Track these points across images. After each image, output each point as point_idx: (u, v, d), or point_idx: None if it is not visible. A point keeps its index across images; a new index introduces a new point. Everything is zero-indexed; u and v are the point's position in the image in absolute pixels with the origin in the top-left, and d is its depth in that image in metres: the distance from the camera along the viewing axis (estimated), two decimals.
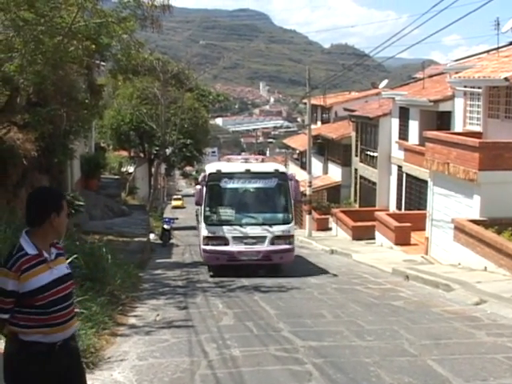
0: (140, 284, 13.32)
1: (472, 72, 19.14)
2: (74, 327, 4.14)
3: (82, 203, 19.15)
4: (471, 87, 19.49)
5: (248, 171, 15.32)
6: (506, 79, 16.48)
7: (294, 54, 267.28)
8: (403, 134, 26.92)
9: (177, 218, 33.61)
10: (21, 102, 14.25)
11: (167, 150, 39.54)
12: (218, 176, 15.18)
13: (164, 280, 14.32)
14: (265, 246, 14.71)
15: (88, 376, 6.41)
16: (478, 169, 14.91)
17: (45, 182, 17.04)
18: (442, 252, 17.00)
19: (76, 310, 7.34)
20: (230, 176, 15.20)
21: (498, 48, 20.39)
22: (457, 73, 20.71)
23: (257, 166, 16.35)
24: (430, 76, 27.36)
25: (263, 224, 14.93)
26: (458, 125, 20.86)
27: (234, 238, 14.71)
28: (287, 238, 15.02)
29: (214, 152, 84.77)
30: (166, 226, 26.71)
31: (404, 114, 26.73)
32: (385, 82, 37.00)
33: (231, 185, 15.24)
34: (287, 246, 14.94)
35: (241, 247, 14.71)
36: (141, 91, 39.36)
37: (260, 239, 14.74)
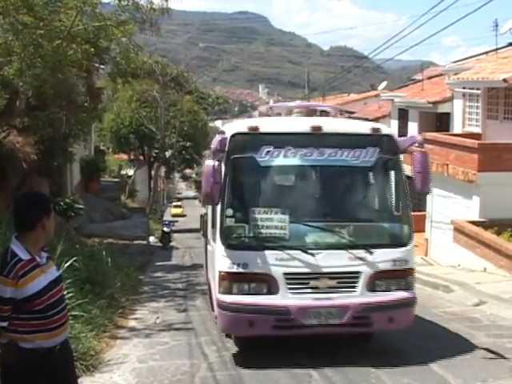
0: (140, 287, 13.34)
1: (471, 73, 19.17)
2: (68, 328, 4.22)
3: (81, 206, 19.20)
4: (470, 88, 19.51)
5: (318, 131, 7.27)
6: (505, 80, 16.51)
7: (293, 56, 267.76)
8: (402, 136, 26.92)
9: (176, 221, 33.71)
10: (20, 105, 14.28)
11: (167, 153, 39.55)
12: (252, 141, 7.16)
13: (164, 283, 14.34)
14: (357, 296, 6.91)
15: (88, 379, 6.48)
16: (477, 170, 14.93)
17: (44, 186, 17.07)
18: (441, 253, 17.01)
19: (76, 312, 7.43)
20: (279, 141, 7.14)
21: (497, 49, 20.43)
22: (456, 74, 20.74)
23: (336, 122, 8.36)
24: (429, 77, 27.39)
25: (352, 246, 7.00)
26: (457, 126, 20.87)
27: (290, 277, 6.83)
28: (403, 275, 7.14)
29: None
30: (165, 229, 26.76)
31: (403, 115, 26.75)
32: (384, 83, 37.02)
33: (281, 160, 7.14)
34: (404, 295, 7.08)
35: (305, 299, 6.84)
36: (140, 94, 39.42)
37: (346, 280, 6.96)
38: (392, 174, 7.58)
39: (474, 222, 14.98)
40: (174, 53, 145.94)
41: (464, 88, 19.89)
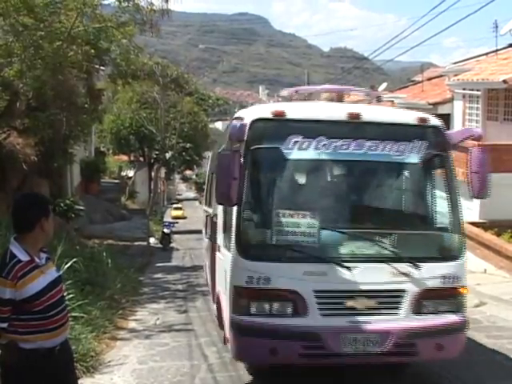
0: (140, 288, 13.35)
1: (471, 75, 19.18)
2: (68, 328, 4.24)
3: (81, 207, 19.20)
4: (470, 90, 19.52)
5: (356, 119, 6.13)
6: (505, 82, 16.50)
7: (294, 57, 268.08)
8: None
9: (177, 222, 33.73)
10: (20, 106, 14.29)
11: (167, 154, 39.59)
12: (277, 129, 6.05)
13: (164, 284, 14.34)
14: (401, 319, 5.83)
15: (88, 380, 6.48)
16: None
17: (45, 187, 17.09)
18: None
19: (76, 314, 7.44)
20: (310, 130, 6.00)
21: (497, 50, 20.43)
22: (456, 75, 20.74)
23: (376, 110, 7.01)
24: (429, 79, 27.41)
25: (395, 259, 5.88)
26: (457, 127, 20.85)
27: (321, 296, 5.73)
28: (454, 294, 6.22)
29: None
30: (165, 230, 26.75)
31: None
32: (384, 85, 36.85)
33: (312, 153, 5.99)
34: (455, 318, 6.08)
35: (339, 322, 5.74)
36: (140, 95, 39.46)
37: (388, 300, 5.88)
38: (441, 172, 6.43)
39: (474, 223, 14.97)
40: (174, 54, 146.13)
41: (464, 89, 19.89)
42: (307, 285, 5.61)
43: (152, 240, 25.96)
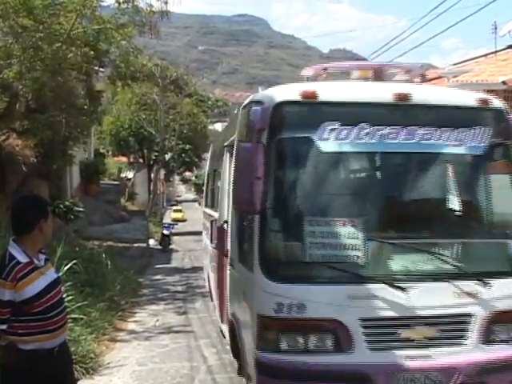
0: (139, 289, 13.34)
1: (470, 76, 19.19)
2: (67, 330, 4.25)
3: (81, 209, 19.19)
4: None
5: (405, 101, 4.91)
6: (504, 83, 16.53)
7: (293, 58, 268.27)
8: None
9: (176, 224, 33.71)
10: (20, 108, 14.29)
11: (166, 156, 39.61)
12: (309, 114, 4.79)
13: (163, 285, 14.34)
14: (468, 351, 4.61)
15: (88, 381, 6.49)
16: None
17: (44, 188, 17.07)
18: None
19: (75, 315, 7.44)
20: (349, 116, 4.78)
21: (496, 52, 20.48)
22: (455, 77, 20.75)
23: (428, 90, 5.87)
24: (429, 80, 27.44)
25: (459, 276, 4.69)
26: None
27: (370, 325, 4.49)
28: None
29: None
30: (165, 232, 26.77)
31: None
32: None
33: (352, 145, 4.74)
34: None
35: (392, 356, 4.48)
36: (140, 97, 39.46)
37: (452, 327, 4.64)
38: (506, 165, 5.37)
39: None
40: (173, 56, 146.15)
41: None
42: (352, 312, 4.45)
43: (151, 241, 25.96)
